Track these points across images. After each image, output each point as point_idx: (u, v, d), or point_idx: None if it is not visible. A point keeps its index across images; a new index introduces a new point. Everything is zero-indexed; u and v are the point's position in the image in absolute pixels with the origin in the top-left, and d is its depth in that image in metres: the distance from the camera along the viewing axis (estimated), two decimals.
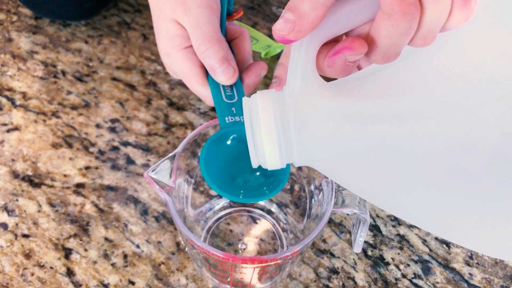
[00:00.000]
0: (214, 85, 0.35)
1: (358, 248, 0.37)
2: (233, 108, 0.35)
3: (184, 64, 0.36)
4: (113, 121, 0.50)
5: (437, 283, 0.41)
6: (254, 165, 0.27)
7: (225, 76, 0.34)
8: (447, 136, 0.21)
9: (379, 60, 0.24)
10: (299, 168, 0.41)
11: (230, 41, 0.38)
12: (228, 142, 0.34)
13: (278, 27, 0.23)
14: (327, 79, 0.26)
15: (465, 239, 0.24)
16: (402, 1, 0.21)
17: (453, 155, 0.21)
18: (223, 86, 0.36)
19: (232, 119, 0.34)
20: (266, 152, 0.25)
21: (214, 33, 0.34)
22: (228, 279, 0.36)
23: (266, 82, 0.54)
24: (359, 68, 0.53)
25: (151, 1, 0.38)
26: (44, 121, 0.49)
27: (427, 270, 0.42)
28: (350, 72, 0.25)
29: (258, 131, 0.25)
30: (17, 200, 0.44)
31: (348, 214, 0.44)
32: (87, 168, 0.46)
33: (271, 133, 0.24)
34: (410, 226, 0.44)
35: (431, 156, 0.22)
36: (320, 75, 0.25)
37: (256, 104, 0.25)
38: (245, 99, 0.27)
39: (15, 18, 0.59)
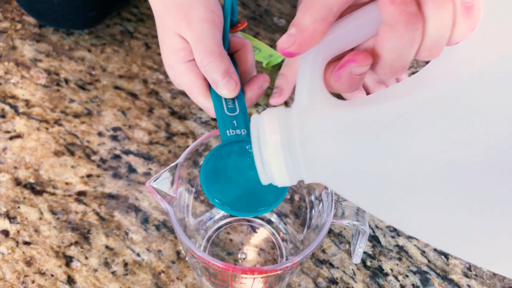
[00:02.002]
0: (216, 98, 0.36)
1: (357, 258, 0.37)
2: (235, 121, 0.35)
3: (187, 76, 0.36)
4: (115, 129, 0.50)
5: None
6: (264, 182, 0.27)
7: (227, 89, 0.34)
8: (457, 147, 0.21)
9: (387, 74, 0.24)
10: None
11: (233, 53, 0.39)
12: (229, 156, 0.34)
13: (281, 41, 0.23)
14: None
15: (478, 257, 0.24)
16: (403, 11, 0.21)
17: (461, 168, 0.21)
18: (226, 99, 0.36)
19: (233, 132, 0.34)
20: (274, 170, 0.25)
21: (216, 47, 0.35)
22: None
23: (268, 93, 0.55)
24: (367, 91, 0.54)
25: (156, 14, 0.39)
26: (47, 128, 0.50)
27: (425, 281, 0.42)
28: (357, 86, 0.25)
29: (265, 150, 0.25)
30: (18, 207, 0.44)
31: (347, 225, 0.44)
32: (88, 176, 0.47)
33: (278, 152, 0.25)
34: (409, 237, 0.45)
35: (442, 169, 0.22)
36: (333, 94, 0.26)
37: (263, 122, 0.25)
38: (253, 117, 0.27)
39: (19, 26, 0.59)
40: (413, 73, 0.58)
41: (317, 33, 0.23)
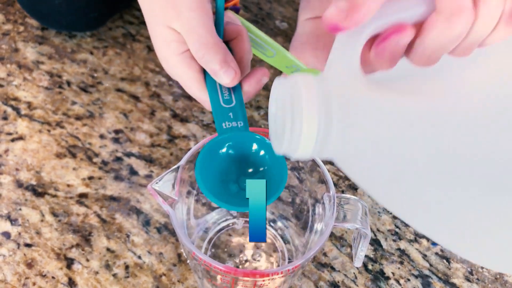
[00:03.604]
0: (212, 90, 0.34)
1: (358, 262, 0.37)
2: (231, 113, 0.34)
3: (181, 69, 0.35)
4: (117, 132, 0.50)
5: None
6: (278, 152, 0.26)
7: (227, 78, 0.33)
8: (487, 145, 0.21)
9: (421, 62, 0.23)
10: (301, 181, 0.41)
11: (228, 41, 0.37)
12: (225, 149, 0.33)
13: (330, 13, 0.22)
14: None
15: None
16: (461, 5, 0.21)
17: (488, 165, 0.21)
18: (221, 90, 0.35)
19: (229, 124, 0.33)
20: (302, 139, 0.24)
21: (209, 36, 0.34)
22: None
23: (268, 95, 0.55)
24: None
25: (143, 7, 0.38)
26: (49, 131, 0.50)
27: (427, 285, 0.42)
28: (396, 62, 0.24)
29: (299, 116, 0.24)
30: (20, 209, 0.44)
31: (349, 228, 0.44)
32: (90, 178, 0.47)
33: (313, 121, 0.23)
34: (411, 241, 0.45)
35: (469, 162, 0.22)
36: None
37: (299, 87, 0.24)
38: (280, 79, 0.25)
39: (21, 28, 0.59)
40: None
41: (371, 9, 0.22)
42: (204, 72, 0.36)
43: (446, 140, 0.22)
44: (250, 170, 0.33)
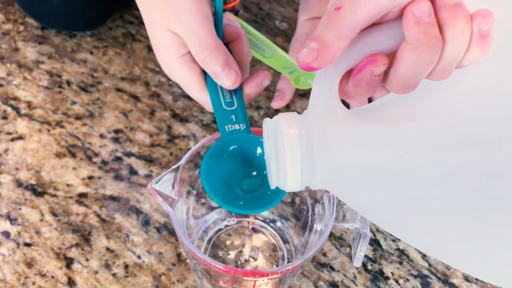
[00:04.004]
0: (213, 92, 0.35)
1: (358, 262, 0.37)
2: (233, 116, 0.34)
3: (181, 71, 0.35)
4: (117, 131, 0.50)
5: None
6: (272, 186, 0.27)
7: (229, 80, 0.34)
8: (472, 165, 0.22)
9: (398, 90, 0.24)
10: None
11: (227, 43, 0.38)
12: (228, 152, 0.33)
13: (303, 55, 0.24)
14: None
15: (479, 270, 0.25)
16: (428, 34, 0.22)
17: (475, 184, 0.22)
18: (223, 93, 0.35)
19: (232, 127, 0.34)
20: (288, 175, 0.26)
21: (210, 39, 0.34)
22: None
23: (269, 96, 0.55)
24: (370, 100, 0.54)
25: (143, 10, 0.38)
26: (48, 130, 0.50)
27: (426, 285, 0.42)
28: (374, 90, 0.25)
29: (283, 154, 0.25)
30: (20, 208, 0.44)
31: (348, 228, 0.44)
32: (90, 178, 0.47)
33: (296, 157, 0.25)
34: None
35: (455, 186, 0.22)
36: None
37: (281, 127, 0.26)
38: (266, 121, 0.27)
39: (21, 28, 0.59)
40: None
41: (339, 49, 0.24)
42: (205, 74, 0.36)
43: (426, 161, 0.23)
44: (254, 173, 0.33)
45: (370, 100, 0.53)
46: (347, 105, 0.52)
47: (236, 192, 0.33)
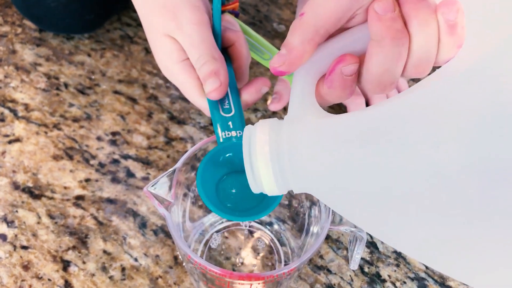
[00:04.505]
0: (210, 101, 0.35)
1: (354, 265, 0.37)
2: (230, 122, 0.34)
3: (182, 76, 0.36)
4: (114, 134, 0.50)
5: None
6: (254, 191, 0.27)
7: (209, 87, 0.34)
8: (440, 166, 0.21)
9: (375, 89, 0.25)
10: None
11: (227, 47, 0.38)
12: (224, 159, 0.34)
13: (273, 61, 0.25)
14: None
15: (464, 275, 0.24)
16: (390, 28, 0.22)
17: (447, 186, 0.21)
18: (221, 99, 0.35)
19: (228, 134, 0.34)
20: (263, 181, 0.26)
21: (208, 50, 0.34)
22: None
23: (266, 98, 0.55)
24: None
25: (141, 14, 0.38)
26: (46, 133, 0.50)
27: None
28: (350, 90, 0.26)
29: (255, 160, 0.26)
30: (16, 211, 0.44)
31: (345, 231, 0.44)
32: (87, 180, 0.47)
33: (267, 163, 0.25)
34: None
35: (426, 184, 0.22)
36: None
37: (254, 133, 0.26)
38: (246, 128, 0.28)
39: (19, 30, 0.59)
40: None
41: (305, 53, 0.25)
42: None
43: (397, 160, 0.23)
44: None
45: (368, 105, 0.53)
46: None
47: (233, 200, 0.33)
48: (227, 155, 0.33)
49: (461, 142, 0.21)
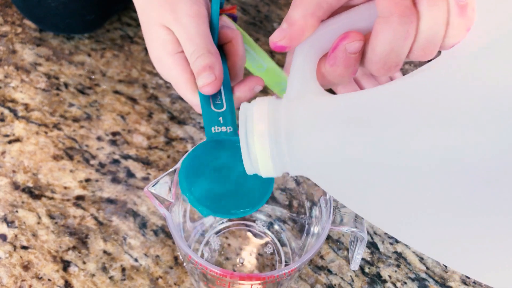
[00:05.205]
0: (202, 96, 0.34)
1: (355, 265, 0.37)
2: (221, 118, 0.34)
3: (175, 70, 0.35)
4: (114, 134, 0.50)
5: None
6: (249, 172, 0.26)
7: (204, 81, 0.33)
8: (446, 151, 0.21)
9: (380, 69, 0.24)
10: (298, 184, 0.41)
11: (223, 44, 0.38)
12: (212, 154, 0.33)
13: (273, 36, 0.25)
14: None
15: (462, 265, 0.24)
16: (398, 4, 0.22)
17: (452, 170, 0.21)
18: (213, 94, 0.34)
19: (218, 129, 0.33)
20: (259, 160, 0.25)
21: (204, 44, 0.34)
22: None
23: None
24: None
25: (138, 6, 0.38)
26: (46, 133, 0.50)
27: None
28: (353, 69, 0.25)
29: (252, 139, 0.24)
30: (17, 211, 0.44)
31: (346, 231, 0.44)
32: (87, 180, 0.47)
33: (264, 142, 0.24)
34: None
35: (431, 164, 0.21)
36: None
37: (251, 111, 0.25)
38: (243, 105, 0.26)
39: (19, 30, 0.59)
40: None
41: (307, 27, 0.24)
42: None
43: (400, 143, 0.22)
44: (237, 175, 0.33)
45: None
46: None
47: (219, 196, 0.32)
48: (216, 149, 0.32)
49: (468, 127, 0.20)
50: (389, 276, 0.43)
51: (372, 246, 0.44)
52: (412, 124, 0.21)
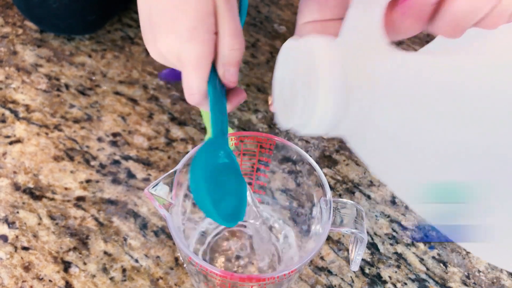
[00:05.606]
0: (212, 87, 0.32)
1: (355, 266, 0.37)
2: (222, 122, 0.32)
3: (202, 49, 0.30)
4: (115, 135, 0.50)
5: None
6: (285, 126, 0.23)
7: (234, 76, 0.31)
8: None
9: (448, 31, 0.22)
10: (298, 185, 0.41)
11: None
12: (217, 162, 0.32)
13: None
14: None
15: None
16: None
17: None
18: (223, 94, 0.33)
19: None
20: (318, 113, 0.21)
21: (243, 41, 0.31)
22: None
23: (267, 99, 0.55)
24: None
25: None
26: (47, 134, 0.50)
27: None
28: (425, 21, 0.22)
29: (315, 88, 0.21)
30: (17, 212, 0.44)
31: (346, 232, 0.44)
32: (88, 181, 0.47)
33: (332, 93, 0.21)
34: (408, 245, 0.45)
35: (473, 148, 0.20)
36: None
37: (317, 55, 0.21)
38: (291, 42, 0.23)
39: (20, 31, 0.59)
40: None
41: None
42: (209, 79, 0.32)
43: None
44: (236, 183, 0.33)
45: None
46: None
47: (225, 204, 0.31)
48: (218, 153, 0.32)
49: None
50: (389, 277, 0.43)
51: (372, 246, 0.44)
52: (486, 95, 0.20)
